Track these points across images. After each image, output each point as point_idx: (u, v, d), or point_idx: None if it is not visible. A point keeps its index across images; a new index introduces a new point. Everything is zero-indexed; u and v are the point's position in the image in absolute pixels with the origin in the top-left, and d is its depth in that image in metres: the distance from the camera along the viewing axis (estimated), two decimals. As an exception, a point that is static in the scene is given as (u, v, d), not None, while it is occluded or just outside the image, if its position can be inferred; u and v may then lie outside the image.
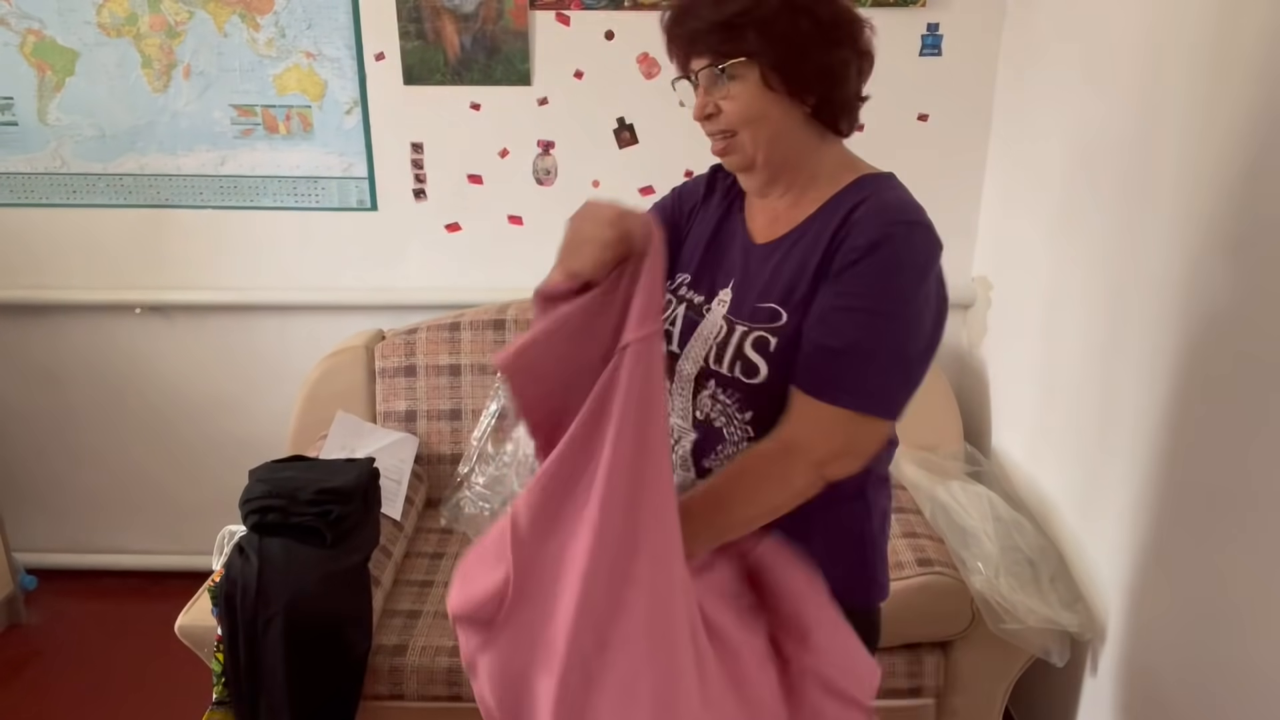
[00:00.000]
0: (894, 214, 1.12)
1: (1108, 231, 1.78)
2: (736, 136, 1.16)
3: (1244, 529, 1.38)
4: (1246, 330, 1.37)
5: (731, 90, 1.13)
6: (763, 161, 1.17)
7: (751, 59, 1.11)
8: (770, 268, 1.18)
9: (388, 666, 1.87)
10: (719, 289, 1.21)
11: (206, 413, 2.66)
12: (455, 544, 2.24)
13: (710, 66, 1.13)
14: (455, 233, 2.50)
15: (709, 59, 1.13)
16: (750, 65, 1.11)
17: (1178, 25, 1.56)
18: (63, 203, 2.49)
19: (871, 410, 1.10)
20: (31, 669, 2.44)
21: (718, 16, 1.10)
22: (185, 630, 1.82)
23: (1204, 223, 1.48)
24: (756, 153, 1.16)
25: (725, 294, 1.20)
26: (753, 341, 1.14)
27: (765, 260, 1.19)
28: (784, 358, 1.12)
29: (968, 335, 2.54)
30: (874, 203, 1.13)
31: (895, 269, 1.09)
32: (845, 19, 1.15)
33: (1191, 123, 1.52)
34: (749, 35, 1.10)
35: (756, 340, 1.14)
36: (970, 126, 2.38)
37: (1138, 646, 1.68)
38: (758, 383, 1.14)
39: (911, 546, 1.88)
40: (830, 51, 1.13)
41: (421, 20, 2.31)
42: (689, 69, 1.16)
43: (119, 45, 2.34)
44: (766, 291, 1.16)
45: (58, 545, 2.79)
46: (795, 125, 1.16)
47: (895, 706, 1.90)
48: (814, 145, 1.19)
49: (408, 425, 2.38)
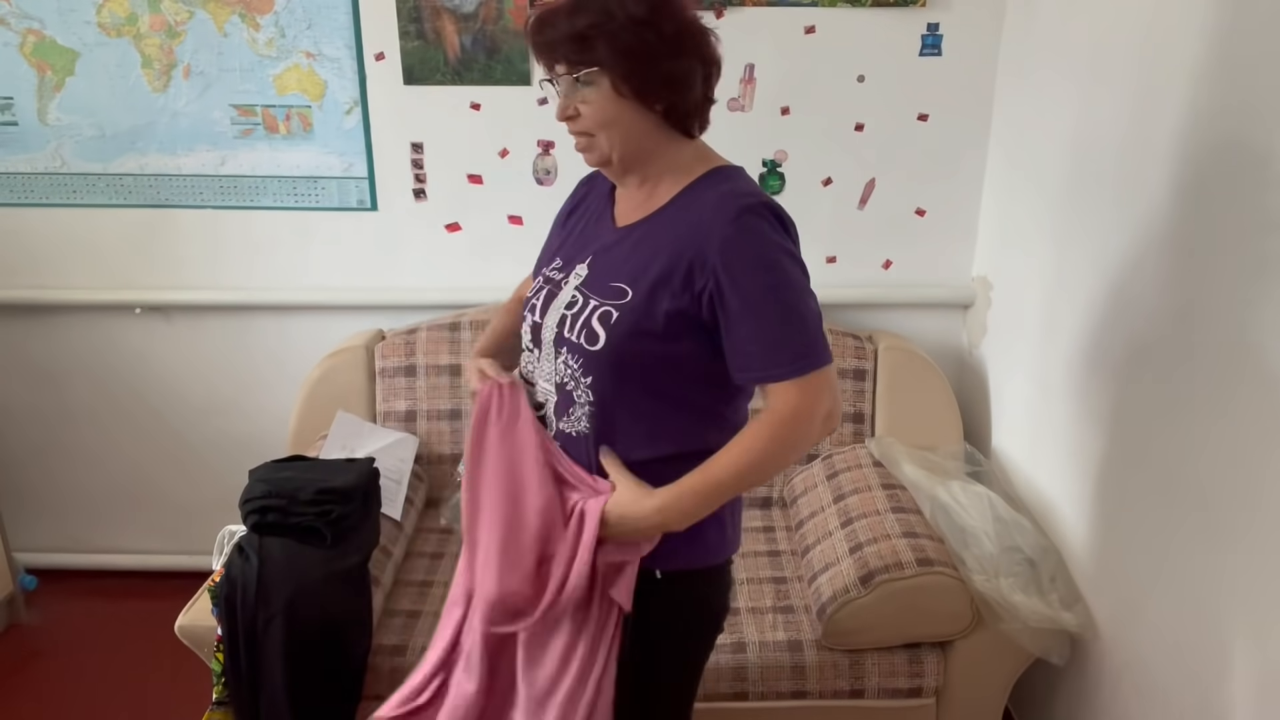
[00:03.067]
0: (733, 204, 1.23)
1: (1108, 231, 1.78)
2: (594, 137, 1.28)
3: (1244, 529, 1.38)
4: (1247, 330, 1.37)
5: (587, 96, 1.24)
6: (617, 159, 1.29)
7: (602, 69, 1.22)
8: (625, 249, 1.31)
9: (388, 666, 1.87)
10: (577, 265, 1.35)
11: (206, 413, 2.66)
12: (455, 544, 2.24)
13: (567, 74, 1.24)
14: (455, 233, 2.50)
15: (565, 67, 1.24)
16: (602, 74, 1.22)
17: (1177, 25, 1.56)
18: (63, 203, 2.49)
19: (816, 365, 1.23)
20: (31, 669, 2.44)
21: (571, 29, 1.21)
22: (185, 630, 1.82)
23: (1204, 222, 1.48)
24: (611, 151, 1.28)
25: (581, 269, 1.34)
26: (599, 314, 1.27)
27: (621, 242, 1.32)
28: (621, 329, 1.25)
29: (968, 335, 2.54)
30: (717, 200, 1.25)
31: (760, 251, 1.22)
32: (689, 31, 1.25)
33: (1191, 123, 1.52)
34: (599, 47, 1.21)
35: (602, 313, 1.27)
36: (970, 126, 2.39)
37: (1137, 646, 1.68)
38: (596, 350, 1.26)
39: (911, 546, 1.88)
40: (675, 61, 1.24)
41: (421, 20, 2.31)
42: (552, 73, 1.28)
43: (119, 45, 2.34)
44: (619, 271, 1.29)
45: (58, 545, 2.79)
46: (647, 128, 1.27)
47: (895, 706, 1.91)
48: (666, 144, 1.30)
49: (408, 425, 2.38)
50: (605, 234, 1.36)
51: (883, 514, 2.01)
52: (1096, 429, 1.82)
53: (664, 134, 1.29)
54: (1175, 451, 1.56)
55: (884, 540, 1.92)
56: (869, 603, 1.83)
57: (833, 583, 1.90)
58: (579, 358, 1.28)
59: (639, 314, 1.24)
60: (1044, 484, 2.07)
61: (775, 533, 2.26)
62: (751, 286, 1.21)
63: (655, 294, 1.24)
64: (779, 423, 1.22)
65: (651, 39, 1.21)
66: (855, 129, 2.39)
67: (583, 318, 1.28)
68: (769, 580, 2.08)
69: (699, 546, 1.34)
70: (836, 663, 1.88)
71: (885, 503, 2.05)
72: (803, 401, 1.22)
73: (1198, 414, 1.49)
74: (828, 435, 1.28)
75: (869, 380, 2.36)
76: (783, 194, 2.44)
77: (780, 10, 2.29)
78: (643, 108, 1.24)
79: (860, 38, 2.31)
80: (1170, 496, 1.57)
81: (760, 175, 2.42)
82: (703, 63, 1.27)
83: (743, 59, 2.33)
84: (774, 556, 2.17)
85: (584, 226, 1.41)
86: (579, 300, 1.30)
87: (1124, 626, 1.73)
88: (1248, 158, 1.37)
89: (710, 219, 1.23)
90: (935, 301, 2.54)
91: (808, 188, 2.45)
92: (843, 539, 1.98)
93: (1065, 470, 1.96)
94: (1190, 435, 1.51)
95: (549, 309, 1.34)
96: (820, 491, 2.21)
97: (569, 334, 1.29)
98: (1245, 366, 1.37)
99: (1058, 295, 2.01)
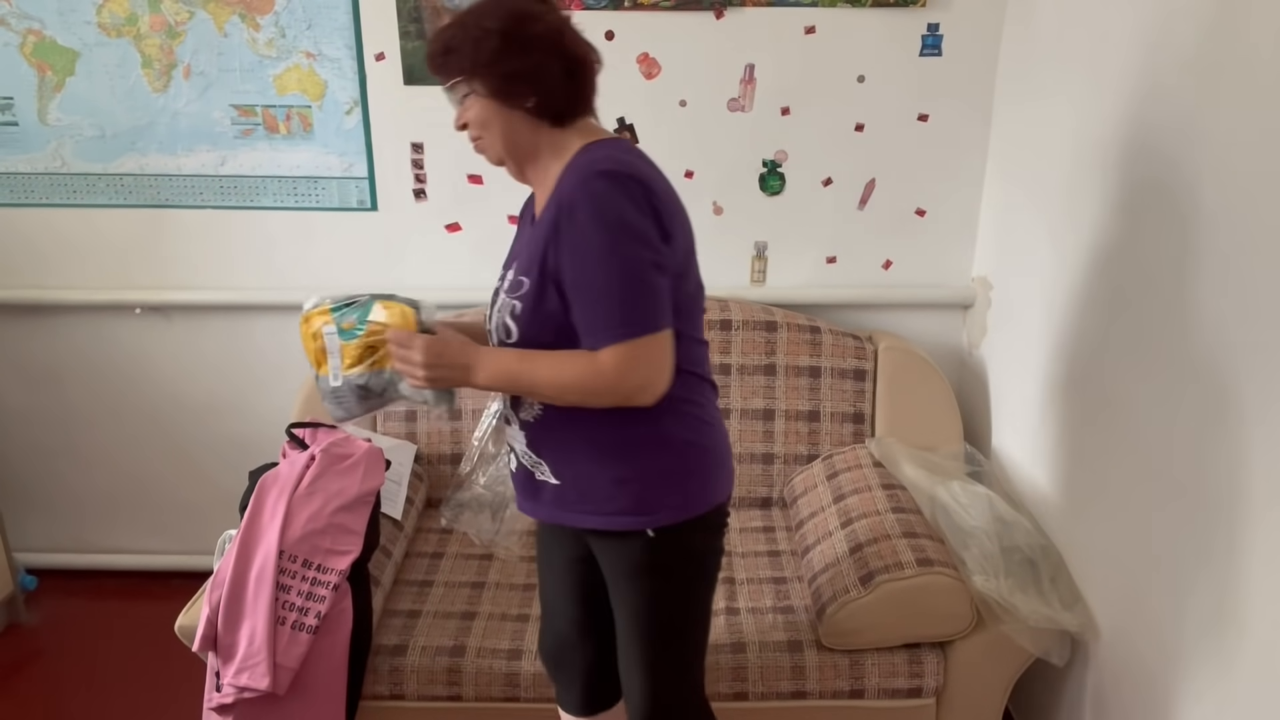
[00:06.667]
0: (583, 171, 1.31)
1: (1108, 231, 1.78)
2: (482, 139, 1.40)
3: (1244, 528, 1.38)
4: (1247, 330, 1.37)
5: (467, 104, 1.38)
6: (507, 156, 1.41)
7: (466, 78, 1.35)
8: (525, 242, 1.43)
9: (388, 667, 1.87)
10: (508, 269, 1.45)
11: (206, 413, 2.66)
12: (455, 544, 2.24)
13: (446, 87, 1.39)
14: (455, 233, 2.51)
15: (443, 80, 1.39)
16: (465, 83, 1.36)
17: (1177, 25, 1.56)
18: (63, 203, 2.49)
19: (631, 334, 1.28)
20: (31, 669, 2.44)
21: (437, 47, 1.37)
22: (185, 630, 1.82)
23: (1204, 222, 1.48)
24: (499, 150, 1.40)
25: (510, 272, 1.43)
26: (510, 310, 1.38)
27: (528, 237, 1.43)
28: (524, 318, 1.36)
29: (968, 335, 2.55)
30: (573, 167, 1.34)
31: (593, 216, 1.28)
32: (535, 32, 1.34)
33: (1191, 122, 1.52)
34: (459, 59, 1.35)
35: (510, 307, 1.38)
36: (970, 126, 2.39)
37: (1138, 646, 1.68)
38: (513, 343, 1.38)
39: (911, 547, 1.88)
40: (525, 60, 1.33)
41: (421, 20, 2.31)
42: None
43: (119, 45, 2.34)
44: (519, 264, 1.40)
45: (58, 545, 2.79)
46: (520, 124, 1.37)
47: (895, 706, 1.91)
48: (546, 135, 1.39)
49: (408, 425, 2.38)
50: (525, 233, 1.48)
51: (883, 514, 2.01)
52: (1097, 429, 1.82)
53: (540, 127, 1.38)
54: (1175, 451, 1.56)
55: (884, 540, 1.92)
56: (869, 603, 1.83)
57: (833, 583, 1.90)
58: None
59: (535, 298, 1.35)
60: (1044, 484, 2.07)
61: (775, 533, 2.26)
62: (582, 250, 1.28)
63: (543, 276, 1.33)
64: (595, 372, 1.30)
65: (498, 45, 1.32)
66: (855, 129, 2.39)
67: (498, 316, 1.41)
68: (769, 580, 2.08)
69: (679, 498, 1.42)
70: (836, 663, 1.88)
71: (885, 503, 2.05)
72: (617, 367, 1.28)
73: (1198, 414, 1.49)
74: (649, 403, 1.32)
75: (869, 380, 2.36)
76: (783, 194, 2.45)
77: (780, 10, 2.29)
78: (510, 106, 1.35)
79: (860, 38, 2.31)
80: (1171, 496, 1.57)
81: (760, 175, 2.42)
82: (560, 58, 1.35)
83: (743, 59, 2.33)
84: (774, 556, 2.17)
85: (519, 231, 1.54)
86: (501, 300, 1.42)
87: (1124, 626, 1.73)
88: (1247, 156, 1.37)
89: (565, 188, 1.32)
90: (935, 301, 2.54)
91: (808, 188, 2.45)
92: (843, 539, 1.98)
93: (1065, 470, 1.96)
94: (1190, 435, 1.51)
95: (491, 314, 1.46)
96: (820, 492, 2.21)
97: (496, 332, 1.43)
98: (1246, 366, 1.37)
99: (1058, 295, 2.01)
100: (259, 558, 1.75)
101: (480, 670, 1.87)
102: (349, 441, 1.98)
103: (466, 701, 1.88)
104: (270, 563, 1.73)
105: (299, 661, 1.71)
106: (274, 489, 1.84)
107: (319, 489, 1.84)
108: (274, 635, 1.70)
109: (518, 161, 1.42)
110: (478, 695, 1.88)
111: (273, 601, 1.71)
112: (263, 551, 1.75)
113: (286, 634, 1.71)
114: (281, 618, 1.71)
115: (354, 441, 2.00)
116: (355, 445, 1.98)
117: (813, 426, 2.36)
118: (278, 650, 1.70)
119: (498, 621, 1.97)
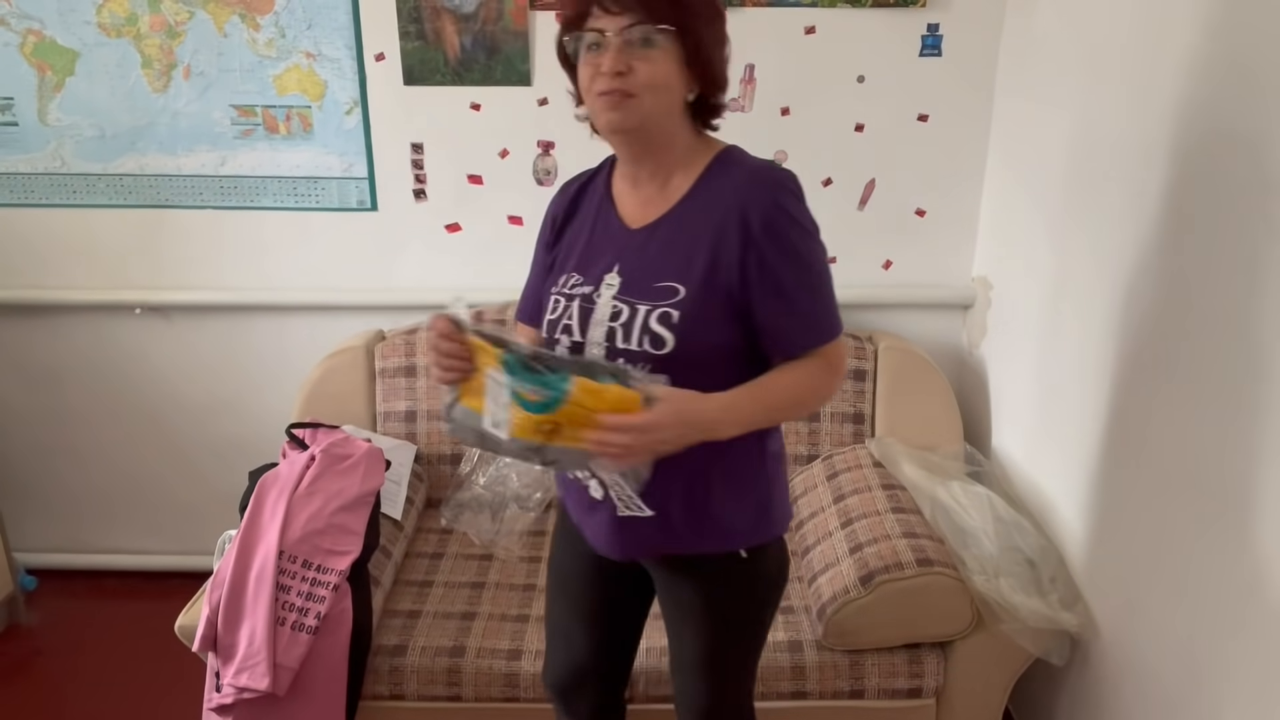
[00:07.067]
0: (763, 177, 1.28)
1: (1108, 231, 1.78)
2: (636, 98, 1.22)
3: (1244, 528, 1.38)
4: (1246, 329, 1.37)
5: (650, 55, 1.21)
6: (651, 131, 1.26)
7: (679, 32, 1.21)
8: (658, 248, 1.29)
9: (388, 666, 1.87)
10: (604, 276, 1.31)
11: (206, 413, 2.66)
12: (455, 544, 2.24)
13: (641, 24, 1.19)
14: (455, 233, 2.50)
15: (642, 16, 1.19)
16: (675, 38, 1.21)
17: (1176, 24, 1.56)
18: (63, 203, 2.49)
19: (836, 334, 1.31)
20: (31, 669, 2.44)
21: None
22: (185, 630, 1.82)
23: (1204, 222, 1.48)
24: (646, 118, 1.24)
25: (612, 278, 1.30)
26: (657, 317, 1.25)
27: (647, 242, 1.30)
28: (686, 326, 1.25)
29: (968, 335, 2.54)
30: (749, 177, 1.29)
31: (799, 222, 1.26)
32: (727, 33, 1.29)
33: (1191, 122, 1.52)
34: (683, 9, 1.21)
35: (660, 316, 1.25)
36: (970, 126, 2.38)
37: (1138, 646, 1.68)
38: (666, 352, 1.25)
39: (911, 546, 1.88)
40: (724, 50, 1.28)
41: (421, 20, 2.31)
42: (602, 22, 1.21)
43: (119, 45, 2.34)
44: (661, 271, 1.27)
45: (58, 545, 2.79)
46: (679, 106, 1.27)
47: (895, 707, 1.91)
48: (680, 129, 1.30)
49: (408, 425, 2.38)
50: (622, 238, 1.33)
51: (883, 514, 2.01)
52: (1096, 429, 1.82)
53: (684, 118, 1.30)
54: (1175, 451, 1.56)
55: (884, 540, 1.92)
56: (869, 603, 1.83)
57: (833, 583, 1.89)
58: (645, 364, 1.25)
59: (698, 307, 1.25)
60: (1044, 484, 2.07)
61: (775, 533, 2.26)
62: (793, 261, 1.25)
63: (709, 284, 1.25)
64: (829, 372, 1.30)
65: (718, 23, 1.25)
66: (855, 129, 2.39)
67: (638, 324, 1.26)
68: (769, 580, 2.07)
69: (767, 521, 1.41)
70: (836, 663, 1.88)
71: (885, 503, 2.05)
72: (842, 360, 1.32)
73: (1198, 413, 1.49)
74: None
75: (869, 380, 2.36)
76: (783, 194, 2.44)
77: (780, 10, 2.29)
78: (688, 84, 1.25)
79: (860, 38, 2.31)
80: (1170, 496, 1.57)
81: (760, 175, 2.42)
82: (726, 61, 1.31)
83: (743, 59, 2.33)
84: (774, 557, 2.16)
85: (589, 236, 1.37)
86: (624, 309, 1.27)
87: (1124, 626, 1.73)
88: (1247, 156, 1.37)
89: (748, 197, 1.25)
90: (935, 301, 2.54)
91: (808, 188, 2.38)
92: (843, 539, 1.98)
93: (1065, 470, 1.96)
94: (1190, 435, 1.51)
95: (589, 324, 1.30)
96: (820, 492, 2.21)
97: (625, 344, 1.26)
98: (1246, 365, 1.37)
99: (1058, 295, 2.01)
100: (259, 558, 1.75)
101: (480, 670, 1.87)
102: (349, 442, 1.99)
103: (466, 702, 1.88)
104: (270, 563, 1.73)
105: (299, 662, 1.71)
106: (274, 489, 1.84)
107: (319, 489, 1.84)
108: (274, 635, 1.70)
109: (657, 141, 1.28)
110: (477, 695, 1.88)
111: (273, 602, 1.71)
112: (262, 552, 1.75)
113: (286, 634, 1.71)
114: (281, 618, 1.72)
115: (354, 442, 2.00)
116: (355, 446, 1.98)
117: (813, 426, 2.36)
118: (278, 650, 1.70)
119: (497, 622, 1.97)
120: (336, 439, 1.97)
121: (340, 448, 1.94)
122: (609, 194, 1.38)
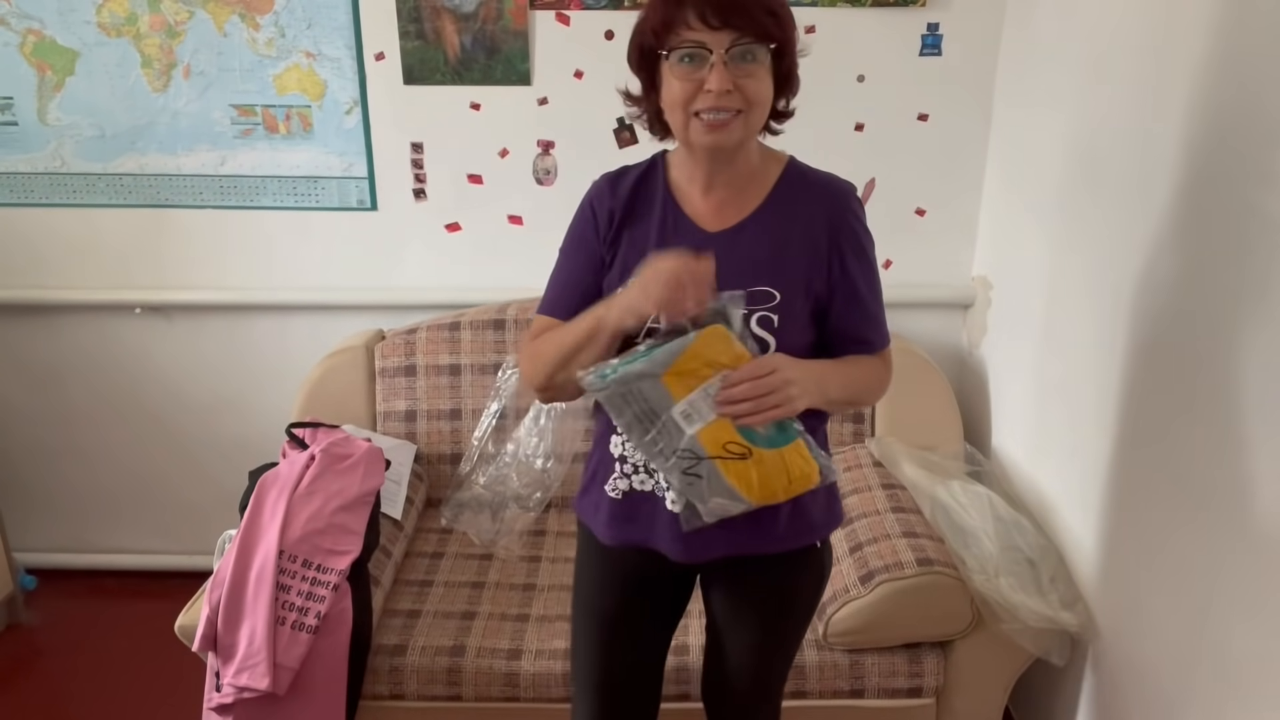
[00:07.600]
0: (834, 188, 1.35)
1: (1108, 231, 1.78)
2: (742, 115, 1.22)
3: (1244, 528, 1.38)
4: (1247, 329, 1.37)
5: (754, 71, 1.21)
6: (745, 144, 1.29)
7: (780, 48, 1.23)
8: (744, 252, 1.30)
9: (388, 666, 1.87)
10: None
11: (207, 413, 2.66)
12: (455, 544, 2.24)
13: (752, 43, 1.19)
14: (455, 233, 2.50)
15: (750, 34, 1.19)
16: (775, 54, 1.23)
17: (1177, 24, 1.56)
18: (63, 203, 2.49)
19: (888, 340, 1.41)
20: (31, 669, 2.44)
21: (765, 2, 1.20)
22: (185, 630, 1.82)
23: (1204, 222, 1.48)
24: (748, 134, 1.26)
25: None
26: (757, 320, 1.27)
27: (732, 246, 1.30)
28: (786, 329, 1.28)
29: (968, 335, 2.54)
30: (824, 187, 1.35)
31: (867, 233, 1.36)
32: None
33: (1191, 122, 1.52)
34: (779, 24, 1.22)
35: (761, 319, 1.28)
36: (970, 126, 2.38)
37: (1137, 646, 1.68)
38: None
39: (911, 546, 1.88)
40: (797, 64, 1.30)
41: (421, 20, 2.31)
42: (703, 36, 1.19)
43: (119, 45, 2.34)
44: (754, 275, 1.28)
45: (58, 545, 2.79)
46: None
47: (895, 706, 1.91)
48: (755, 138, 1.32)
49: (408, 425, 2.38)
50: (700, 242, 1.28)
51: (883, 514, 2.01)
52: (1096, 429, 1.82)
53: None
54: (1175, 451, 1.56)
55: (884, 540, 1.92)
56: (869, 603, 1.83)
57: (833, 582, 1.89)
58: None
59: (792, 310, 1.29)
60: (1044, 484, 2.07)
61: (775, 533, 2.26)
62: (867, 269, 1.35)
63: (801, 289, 1.30)
64: (887, 368, 1.40)
65: (796, 38, 1.27)
66: (855, 129, 2.39)
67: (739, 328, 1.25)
68: (769, 580, 2.07)
69: (836, 511, 1.46)
70: (836, 663, 1.88)
71: (885, 503, 2.05)
72: (891, 364, 1.41)
73: (1198, 413, 1.49)
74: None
75: (869, 380, 2.36)
76: (783, 194, 2.44)
77: (780, 10, 2.29)
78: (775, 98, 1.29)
79: (860, 38, 2.31)
80: (1170, 496, 1.57)
81: (760, 175, 2.42)
82: None
83: (743, 59, 2.33)
84: (774, 556, 2.16)
85: (658, 236, 1.32)
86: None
87: (1124, 626, 1.73)
88: (1248, 156, 1.37)
89: (830, 208, 1.32)
90: (935, 301, 2.53)
91: None
92: (843, 539, 1.98)
93: (1065, 470, 1.96)
94: (1190, 435, 1.51)
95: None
96: (820, 491, 2.20)
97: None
98: (1245, 365, 1.37)
99: (1058, 295, 2.01)
100: (259, 557, 1.75)
101: (480, 670, 1.87)
102: (349, 441, 1.99)
103: (466, 701, 1.88)
104: (270, 562, 1.73)
105: (299, 661, 1.71)
106: (274, 489, 1.84)
107: (319, 489, 1.84)
108: (274, 635, 1.70)
109: (742, 153, 1.30)
110: (477, 695, 1.88)
111: (273, 601, 1.71)
112: (262, 551, 1.75)
113: (286, 634, 1.71)
114: (281, 618, 1.72)
115: (354, 441, 2.00)
116: (355, 445, 1.98)
117: (813, 426, 2.36)
118: (278, 650, 1.70)
119: (497, 621, 1.97)
120: (336, 438, 1.97)
121: (340, 447, 1.94)
122: (670, 195, 1.34)
